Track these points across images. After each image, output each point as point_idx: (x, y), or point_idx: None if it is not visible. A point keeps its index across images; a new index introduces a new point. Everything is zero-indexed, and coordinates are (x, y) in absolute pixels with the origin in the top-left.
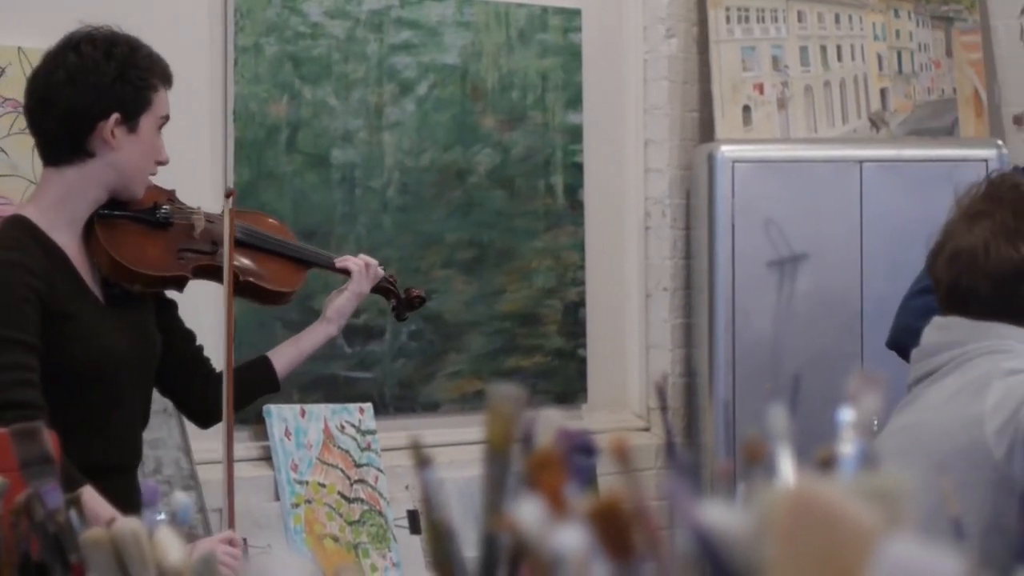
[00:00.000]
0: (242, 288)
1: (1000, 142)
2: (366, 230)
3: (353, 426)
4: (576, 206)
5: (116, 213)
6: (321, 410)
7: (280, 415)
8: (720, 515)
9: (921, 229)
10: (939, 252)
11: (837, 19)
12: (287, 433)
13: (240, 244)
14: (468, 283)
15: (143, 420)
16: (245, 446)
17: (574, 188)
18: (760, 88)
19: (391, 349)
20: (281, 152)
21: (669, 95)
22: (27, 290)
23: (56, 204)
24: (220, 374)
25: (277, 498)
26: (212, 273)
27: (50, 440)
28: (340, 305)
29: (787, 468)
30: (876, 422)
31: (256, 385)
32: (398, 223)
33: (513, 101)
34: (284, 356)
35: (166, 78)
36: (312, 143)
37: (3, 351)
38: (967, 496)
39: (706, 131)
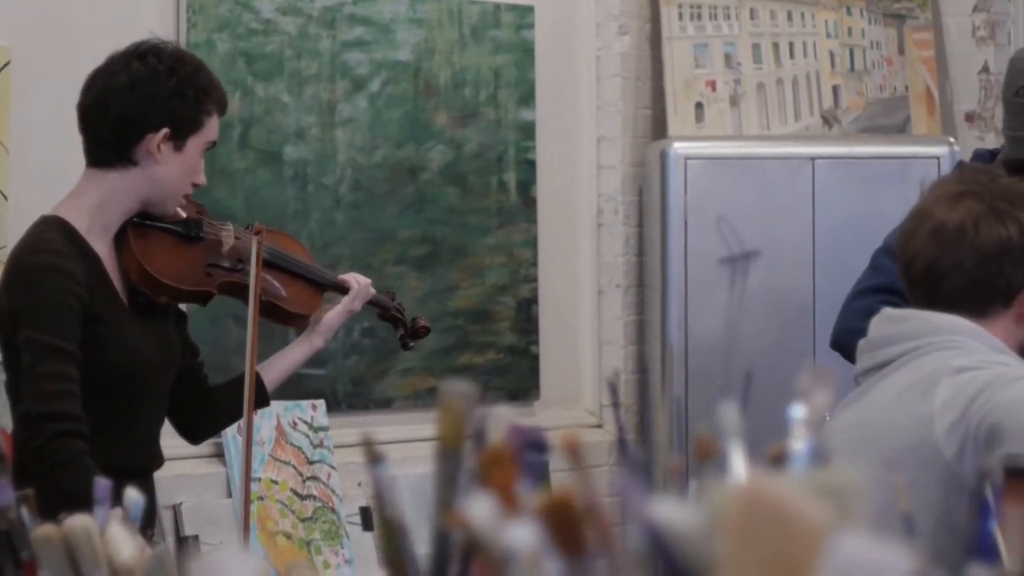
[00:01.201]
0: (263, 308)
1: (952, 139)
2: (319, 227)
3: (305, 423)
4: (529, 203)
5: (150, 223)
6: (273, 407)
7: None
8: (671, 512)
9: (873, 226)
10: (915, 232)
11: (789, 16)
12: (240, 430)
13: (266, 265)
14: (421, 280)
15: (161, 425)
16: None
17: (527, 185)
18: (713, 85)
19: (344, 346)
20: (233, 149)
21: (622, 92)
22: (72, 297)
23: (95, 207)
24: (214, 392)
25: (229, 495)
26: (236, 290)
27: (2, 439)
28: (330, 319)
29: (738, 465)
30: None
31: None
32: (351, 220)
33: (466, 98)
34: (273, 370)
35: (222, 105)
36: (265, 140)
37: (48, 360)
38: (918, 494)
39: (659, 128)
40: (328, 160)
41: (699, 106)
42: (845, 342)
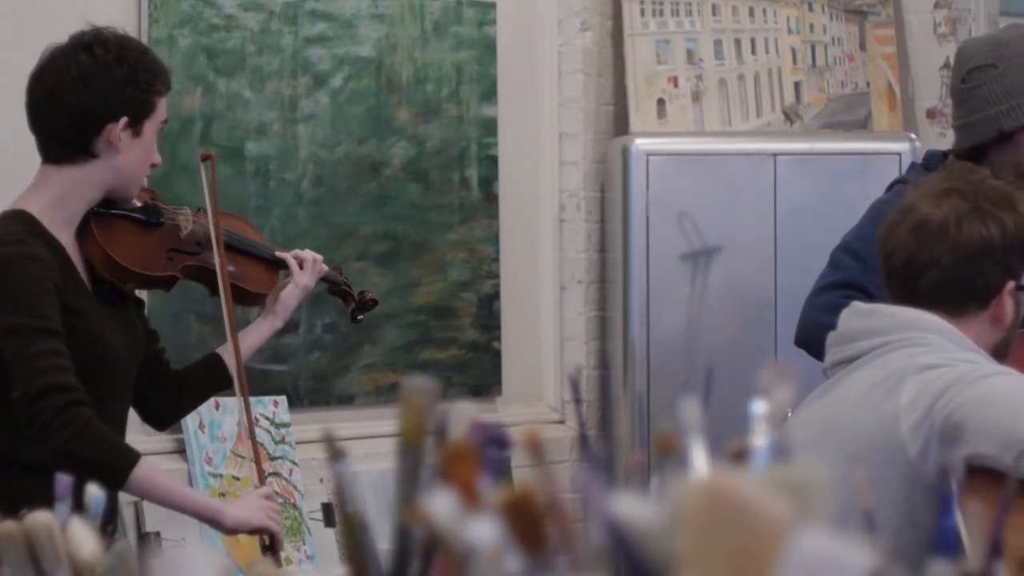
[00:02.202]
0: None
1: (913, 136)
2: (280, 223)
3: (267, 419)
4: (491, 199)
5: (112, 212)
6: (235, 403)
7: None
8: (633, 508)
9: (835, 222)
10: (897, 225)
11: (751, 13)
12: (201, 426)
13: (225, 247)
14: (383, 276)
15: (127, 414)
16: (159, 439)
17: (489, 181)
18: (674, 81)
19: (306, 342)
20: (195, 144)
21: (584, 88)
22: (48, 281)
23: (55, 201)
24: (180, 376)
25: None
26: (198, 274)
27: None
28: (284, 297)
29: (700, 461)
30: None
31: (208, 383)
32: (312, 216)
33: (428, 94)
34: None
35: (168, 83)
36: (226, 135)
37: (39, 340)
38: (881, 492)
39: (620, 124)
40: (290, 156)
41: (661, 102)
42: (810, 338)
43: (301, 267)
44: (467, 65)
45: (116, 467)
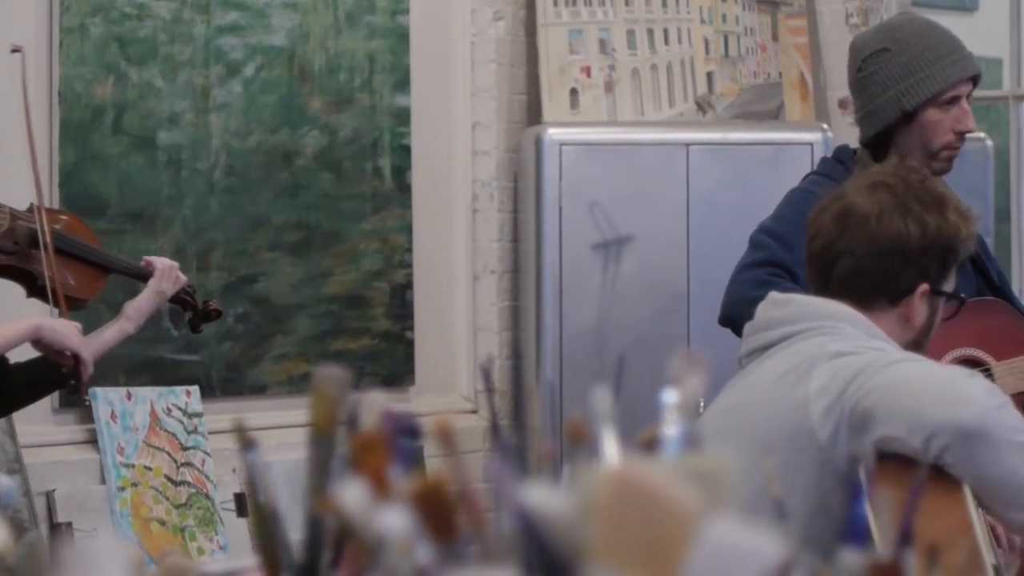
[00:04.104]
0: (39, 289)
1: (825, 126)
2: (192, 212)
3: (180, 409)
4: (404, 188)
5: None
6: (147, 393)
7: (106, 398)
8: (544, 497)
9: (747, 211)
10: (825, 209)
11: (664, 3)
12: (113, 416)
13: (45, 247)
14: (295, 265)
15: None
16: (70, 429)
17: (402, 170)
18: (587, 71)
19: (218, 332)
20: (107, 134)
21: (497, 78)
22: None
23: None
24: (10, 368)
25: (103, 481)
26: (14, 273)
27: None
28: (139, 303)
29: (611, 450)
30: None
31: (48, 381)
32: (225, 205)
33: (340, 83)
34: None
35: None
36: (138, 125)
37: None
38: (792, 479)
39: (534, 114)
40: (202, 145)
41: (574, 92)
42: (736, 314)
43: (156, 273)
44: (380, 54)
45: None
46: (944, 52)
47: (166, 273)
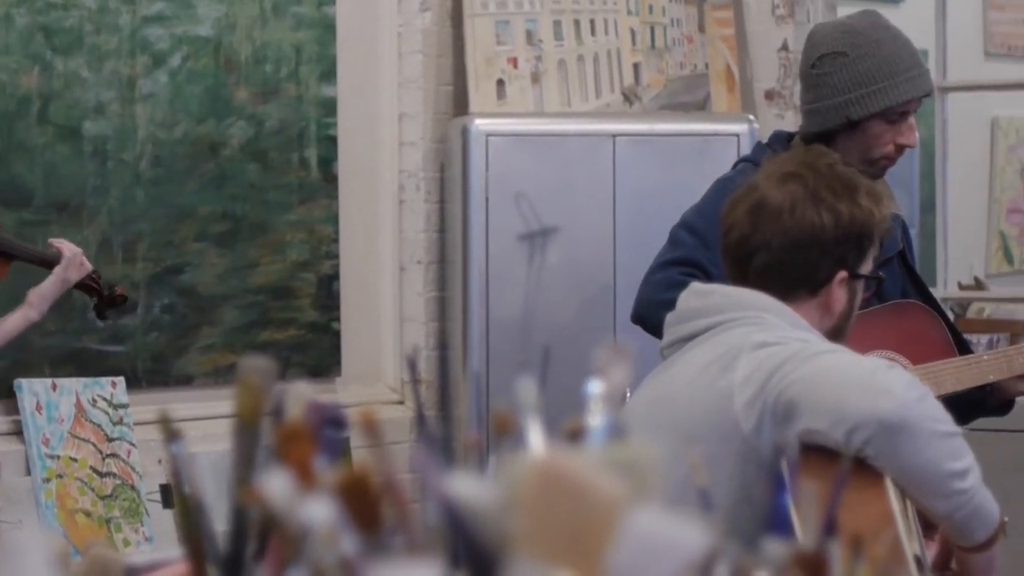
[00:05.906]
0: None
1: (752, 117)
2: (118, 203)
3: (105, 400)
4: (330, 179)
5: None
6: (73, 384)
7: (31, 389)
8: (469, 488)
9: (673, 202)
10: (739, 202)
11: None
12: (38, 407)
13: None
14: (221, 256)
15: None
16: None
17: (328, 161)
18: (514, 62)
19: (144, 322)
20: (32, 124)
21: (423, 68)
22: None
23: None
24: None
25: (28, 473)
26: None
27: None
28: (43, 289)
29: (536, 440)
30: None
31: None
32: (151, 196)
33: (267, 74)
34: None
35: None
36: (64, 115)
37: None
38: (717, 469)
39: (460, 105)
40: (128, 136)
41: (501, 83)
42: (647, 314)
43: (63, 261)
44: (306, 45)
45: None
46: (900, 68)
47: (72, 260)
